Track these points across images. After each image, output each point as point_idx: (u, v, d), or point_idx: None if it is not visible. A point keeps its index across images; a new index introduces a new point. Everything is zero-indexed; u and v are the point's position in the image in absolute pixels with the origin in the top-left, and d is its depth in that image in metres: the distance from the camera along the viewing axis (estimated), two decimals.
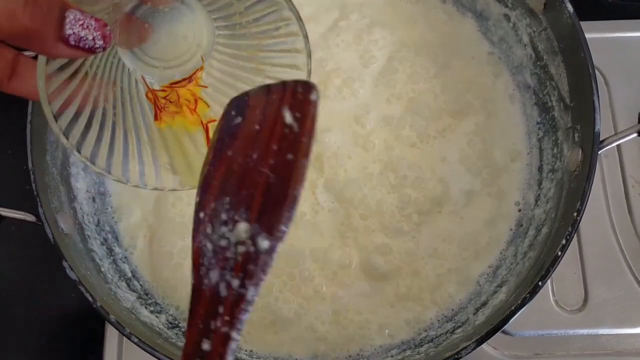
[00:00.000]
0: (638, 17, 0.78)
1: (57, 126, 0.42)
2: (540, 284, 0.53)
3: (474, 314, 0.61)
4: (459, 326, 0.60)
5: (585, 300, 0.68)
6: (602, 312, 0.67)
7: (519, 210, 0.66)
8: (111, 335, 0.67)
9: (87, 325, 0.71)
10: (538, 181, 0.67)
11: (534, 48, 0.67)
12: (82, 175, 0.66)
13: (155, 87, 0.46)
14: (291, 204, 0.34)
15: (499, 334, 0.53)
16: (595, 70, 0.58)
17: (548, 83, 0.66)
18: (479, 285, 0.64)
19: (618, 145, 0.73)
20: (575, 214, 0.54)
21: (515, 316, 0.53)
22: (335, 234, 0.65)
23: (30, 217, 0.56)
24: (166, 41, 0.45)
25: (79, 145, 0.44)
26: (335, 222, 0.65)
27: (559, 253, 0.53)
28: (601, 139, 0.56)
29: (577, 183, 0.57)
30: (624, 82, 0.76)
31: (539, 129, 0.68)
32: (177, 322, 0.64)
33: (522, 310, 0.53)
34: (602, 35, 0.76)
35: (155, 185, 0.48)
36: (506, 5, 0.69)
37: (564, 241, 0.54)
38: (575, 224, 0.54)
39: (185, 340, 0.35)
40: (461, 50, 0.72)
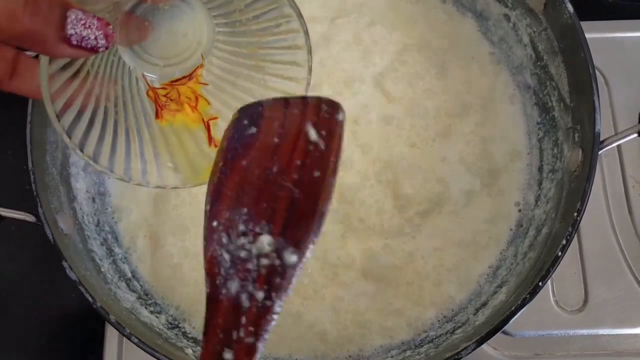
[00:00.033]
0: (638, 17, 0.78)
1: (60, 125, 0.42)
2: (541, 284, 0.53)
3: (474, 314, 0.61)
4: (459, 326, 0.60)
5: (585, 301, 0.68)
6: (602, 313, 0.67)
7: (519, 210, 0.66)
8: (111, 336, 0.67)
9: (87, 325, 0.71)
10: (538, 181, 0.67)
11: (534, 48, 0.67)
12: (82, 175, 0.66)
13: (155, 85, 0.46)
14: (319, 220, 0.35)
15: (499, 334, 0.53)
16: (596, 70, 0.58)
17: (548, 83, 0.66)
18: (479, 285, 0.64)
19: (618, 146, 0.73)
20: (575, 214, 0.54)
21: (516, 317, 0.53)
22: (335, 234, 0.65)
23: (30, 218, 0.56)
24: (166, 39, 0.45)
25: (81, 145, 0.44)
26: (336, 222, 0.65)
27: (559, 253, 0.53)
28: (601, 139, 0.56)
29: (578, 183, 0.57)
30: (624, 82, 0.76)
31: (539, 129, 0.68)
32: (177, 322, 0.64)
33: (522, 310, 0.53)
34: (602, 35, 0.76)
35: (158, 183, 0.48)
36: (506, 5, 0.69)
37: (564, 241, 0.54)
38: (576, 224, 0.54)
39: (201, 348, 0.35)
40: (461, 51, 0.72)
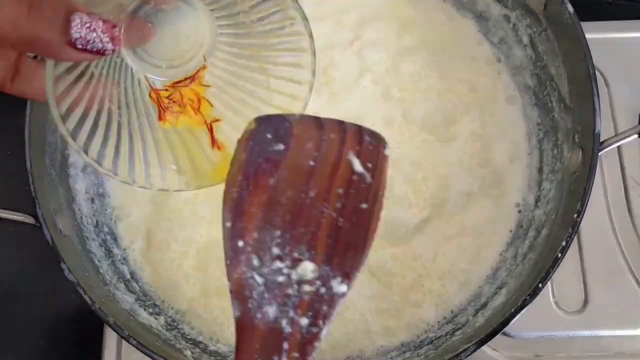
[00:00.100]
0: (638, 18, 0.78)
1: (65, 128, 0.42)
2: (541, 285, 0.53)
3: (474, 315, 0.60)
4: (459, 328, 0.60)
5: (585, 302, 0.67)
6: (602, 314, 0.67)
7: (519, 211, 0.66)
8: (110, 337, 0.67)
9: (86, 326, 0.71)
10: (538, 182, 0.66)
11: (534, 49, 0.67)
12: (80, 176, 0.66)
13: (158, 87, 0.46)
14: (367, 252, 0.35)
15: (499, 335, 0.53)
16: (596, 70, 0.57)
17: (548, 84, 0.66)
18: (479, 287, 0.64)
19: (618, 146, 0.72)
20: (575, 215, 0.54)
21: (516, 318, 0.52)
22: None
23: (29, 219, 0.56)
24: (169, 41, 0.45)
25: (85, 147, 0.44)
26: None
27: (559, 255, 0.53)
28: (601, 140, 0.56)
29: (578, 184, 0.57)
30: (625, 82, 0.75)
31: (539, 130, 0.68)
32: (176, 324, 0.63)
33: (522, 312, 0.53)
34: (602, 35, 0.76)
35: (161, 186, 0.48)
36: (506, 6, 0.69)
37: (564, 243, 0.53)
38: (576, 225, 0.54)
39: None
40: (461, 51, 0.71)
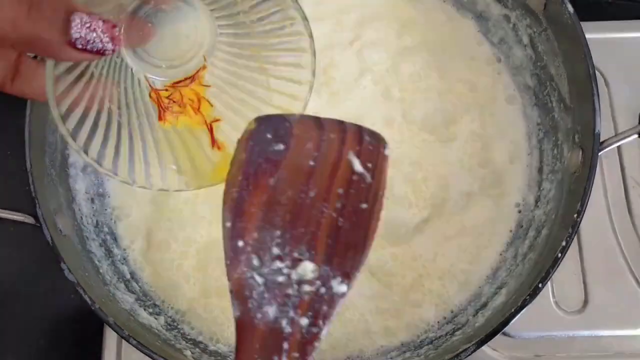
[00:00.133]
0: (638, 18, 0.78)
1: (65, 128, 0.42)
2: (541, 286, 0.52)
3: (474, 315, 0.60)
4: (459, 328, 0.60)
5: (585, 302, 0.67)
6: (602, 314, 0.67)
7: (519, 211, 0.66)
8: (110, 336, 0.67)
9: (86, 325, 0.71)
10: (538, 182, 0.66)
11: (534, 49, 0.67)
12: (80, 176, 0.66)
13: (158, 87, 0.46)
14: (367, 252, 0.35)
15: (499, 335, 0.53)
16: (596, 70, 0.57)
17: (548, 84, 0.66)
18: (479, 287, 0.64)
19: (618, 146, 0.72)
20: (575, 215, 0.54)
21: (516, 318, 0.52)
22: None
23: (29, 219, 0.56)
24: (169, 41, 0.45)
25: (86, 147, 0.44)
26: None
27: (559, 255, 0.53)
28: (601, 140, 0.56)
29: (577, 184, 0.57)
30: (625, 82, 0.75)
31: (539, 130, 0.68)
32: (176, 323, 0.63)
33: (522, 312, 0.52)
34: (602, 35, 0.76)
35: (161, 186, 0.48)
36: (506, 6, 0.69)
37: (564, 243, 0.53)
38: (576, 225, 0.54)
39: None
40: (461, 51, 0.71)
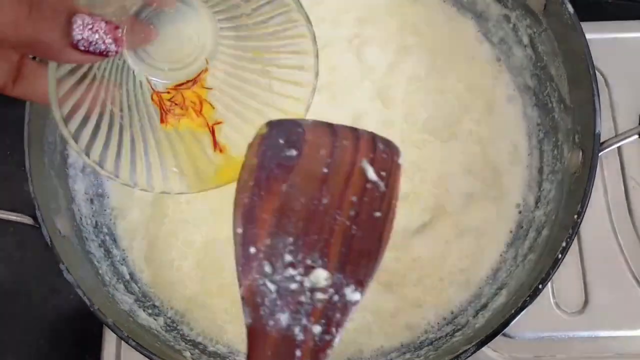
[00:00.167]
0: (638, 18, 0.78)
1: (67, 130, 0.42)
2: (541, 286, 0.52)
3: (474, 316, 0.60)
4: (459, 329, 0.60)
5: (585, 303, 0.67)
6: (603, 314, 0.67)
7: (519, 212, 0.66)
8: (109, 337, 0.67)
9: (86, 326, 0.71)
10: (538, 183, 0.66)
11: (534, 49, 0.67)
12: (80, 177, 0.65)
13: (160, 90, 0.46)
14: (380, 260, 0.35)
15: (499, 336, 0.52)
16: (596, 71, 0.57)
17: (548, 84, 0.66)
18: (479, 287, 0.64)
19: (619, 147, 0.72)
20: (575, 216, 0.54)
21: (516, 319, 0.52)
22: None
23: (28, 220, 0.55)
24: (171, 43, 0.44)
25: (87, 150, 0.44)
26: None
27: (559, 256, 0.53)
28: (602, 140, 0.56)
29: (578, 185, 0.57)
30: (625, 83, 0.75)
31: (539, 130, 0.68)
32: (175, 325, 0.63)
33: (522, 313, 0.52)
34: (602, 36, 0.76)
35: (163, 188, 0.47)
36: (506, 6, 0.69)
37: (564, 244, 0.53)
38: (576, 226, 0.54)
39: None
40: (461, 51, 0.71)
